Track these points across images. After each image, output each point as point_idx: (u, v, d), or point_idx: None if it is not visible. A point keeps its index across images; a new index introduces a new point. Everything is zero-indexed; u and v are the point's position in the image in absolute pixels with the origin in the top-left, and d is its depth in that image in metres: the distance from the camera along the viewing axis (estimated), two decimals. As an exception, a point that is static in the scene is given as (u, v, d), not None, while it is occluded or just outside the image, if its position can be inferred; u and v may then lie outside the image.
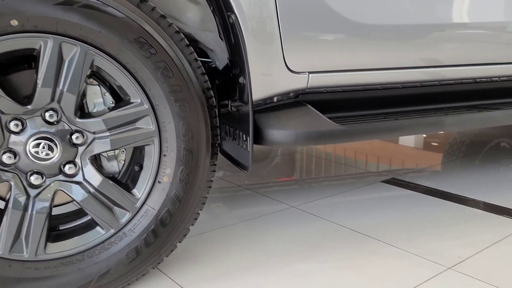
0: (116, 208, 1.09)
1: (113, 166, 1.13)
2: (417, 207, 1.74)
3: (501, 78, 1.54)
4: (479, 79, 1.51)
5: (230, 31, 1.12)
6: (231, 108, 1.23)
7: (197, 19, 1.30)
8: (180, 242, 1.17)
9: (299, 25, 1.17)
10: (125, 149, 1.12)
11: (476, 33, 1.44)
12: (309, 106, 1.25)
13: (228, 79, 1.23)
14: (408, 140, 2.93)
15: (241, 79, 1.14)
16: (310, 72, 1.23)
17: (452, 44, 1.41)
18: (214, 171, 1.17)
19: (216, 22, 1.19)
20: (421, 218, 1.63)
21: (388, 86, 1.40)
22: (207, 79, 1.11)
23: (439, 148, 2.71)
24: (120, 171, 1.14)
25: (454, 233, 1.50)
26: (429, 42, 1.37)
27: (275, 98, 1.29)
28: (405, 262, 1.32)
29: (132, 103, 1.05)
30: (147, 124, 1.06)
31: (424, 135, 3.02)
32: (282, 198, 1.82)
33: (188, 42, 1.08)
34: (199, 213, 1.17)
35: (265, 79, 1.18)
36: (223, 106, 1.28)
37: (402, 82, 1.39)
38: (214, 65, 1.40)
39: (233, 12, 1.07)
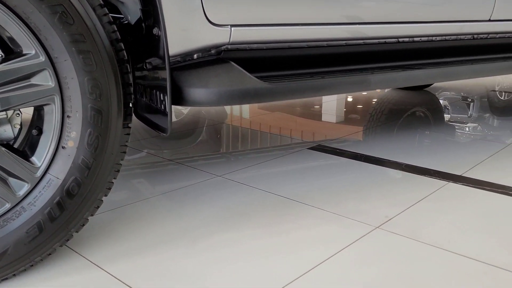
0: (11, 179, 0.94)
1: (6, 131, 0.97)
2: (343, 171, 1.73)
3: (421, 38, 1.54)
4: (401, 39, 1.50)
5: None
6: (146, 66, 1.10)
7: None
8: (92, 215, 1.04)
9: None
10: (20, 110, 0.96)
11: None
12: (232, 63, 1.16)
13: (141, 34, 1.10)
14: (330, 112, 2.95)
15: (155, 31, 1.01)
16: (232, 25, 1.13)
17: (373, 2, 1.38)
18: (128, 134, 1.05)
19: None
20: (347, 182, 1.62)
21: (313, 44, 1.34)
22: (116, 29, 0.98)
23: (360, 118, 2.75)
24: (15, 137, 0.98)
25: (380, 194, 1.51)
26: None
27: (195, 56, 1.18)
28: (334, 224, 1.29)
29: (24, 55, 0.89)
30: (45, 80, 0.91)
31: (344, 109, 3.06)
32: (208, 169, 1.73)
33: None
34: (112, 182, 1.04)
35: (183, 31, 1.06)
36: (138, 67, 1.15)
37: (326, 39, 1.34)
38: (126, 21, 1.25)
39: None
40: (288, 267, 1.07)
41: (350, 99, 3.29)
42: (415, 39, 1.53)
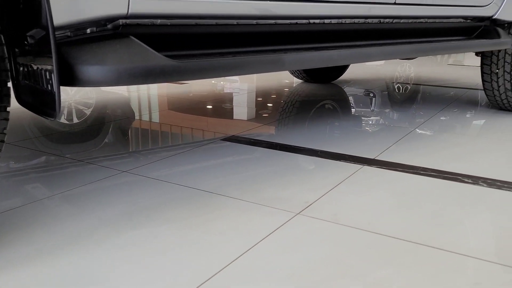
0: None
1: None
2: (260, 161, 1.66)
3: (332, 21, 1.52)
4: (312, 21, 1.46)
5: None
6: (27, 40, 0.93)
7: None
8: (-38, 220, 0.85)
9: None
10: None
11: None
12: (133, 38, 1.02)
13: (19, 3, 0.93)
14: (242, 105, 2.89)
15: (36, -6, 0.85)
16: (130, -5, 1.00)
17: None
18: (7, 119, 0.87)
19: None
20: (265, 170, 1.55)
21: (222, 22, 1.25)
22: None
23: (272, 111, 2.72)
24: None
25: (299, 181, 1.46)
26: None
27: (88, 30, 1.03)
28: (254, 213, 1.21)
29: None
30: None
31: (257, 102, 3.02)
32: (114, 166, 1.57)
33: None
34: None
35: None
36: (18, 41, 0.97)
37: (234, 15, 1.24)
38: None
39: None
40: (208, 261, 0.96)
41: (262, 93, 3.25)
42: (326, 21, 1.50)
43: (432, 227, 1.16)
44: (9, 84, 0.91)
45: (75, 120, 2.34)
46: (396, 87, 3.64)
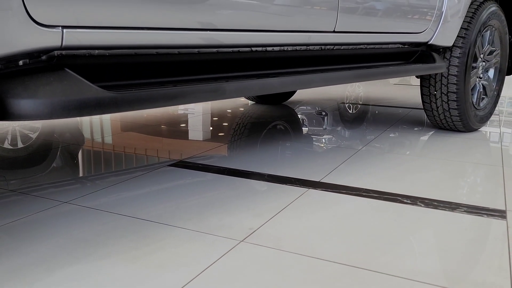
0: None
1: None
2: (206, 187, 1.66)
3: (274, 48, 1.56)
4: (254, 48, 1.49)
5: None
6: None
7: None
8: None
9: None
10: None
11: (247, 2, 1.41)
12: (67, 70, 1.01)
13: None
14: (194, 128, 2.89)
15: (-40, 29, 0.83)
16: (64, 27, 0.99)
17: (227, 9, 1.35)
18: None
19: None
20: (211, 197, 1.55)
21: (163, 52, 1.25)
22: None
23: (223, 133, 2.73)
24: None
25: (245, 207, 1.46)
26: (204, 4, 1.27)
27: (21, 62, 1.00)
28: (197, 243, 1.20)
29: None
30: None
31: (208, 124, 3.03)
32: (56, 196, 1.52)
33: None
34: None
35: (1, 32, 0.89)
36: None
37: (176, 45, 1.25)
38: None
39: None
40: (145, 297, 0.95)
41: (213, 115, 3.26)
42: (268, 48, 1.54)
43: (371, 249, 1.19)
44: None
45: (20, 145, 2.26)
46: (346, 106, 3.75)
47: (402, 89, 5.16)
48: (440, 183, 1.76)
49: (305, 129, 2.82)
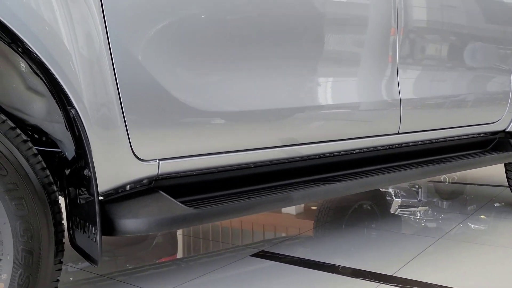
0: None
1: None
2: (285, 279, 1.80)
3: (341, 152, 1.73)
4: (323, 154, 1.67)
5: (73, 124, 1.12)
6: (79, 201, 1.20)
7: (43, 110, 1.28)
8: None
9: (144, 116, 1.21)
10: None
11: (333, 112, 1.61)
12: (161, 192, 1.27)
13: (76, 171, 1.21)
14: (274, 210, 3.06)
15: (86, 172, 1.12)
16: (160, 159, 1.26)
17: (309, 124, 1.56)
18: (60, 269, 1.11)
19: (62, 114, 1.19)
20: (286, 289, 1.69)
21: (242, 166, 1.48)
22: (48, 174, 1.08)
23: (308, 215, 2.87)
24: None
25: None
26: (286, 123, 1.50)
27: (128, 186, 1.28)
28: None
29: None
30: (-23, 227, 0.99)
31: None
32: (148, 283, 1.76)
33: (25, 138, 1.05)
34: (43, 318, 1.08)
35: (112, 170, 1.18)
36: (73, 199, 1.24)
37: (259, 161, 1.48)
38: (64, 155, 1.36)
39: (73, 107, 1.08)
40: None
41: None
42: (335, 153, 1.71)
43: None
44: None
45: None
46: (432, 185, 3.70)
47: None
48: (521, 279, 1.71)
49: (390, 209, 2.86)
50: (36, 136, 1.43)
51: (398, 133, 1.77)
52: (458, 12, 2.02)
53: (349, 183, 1.59)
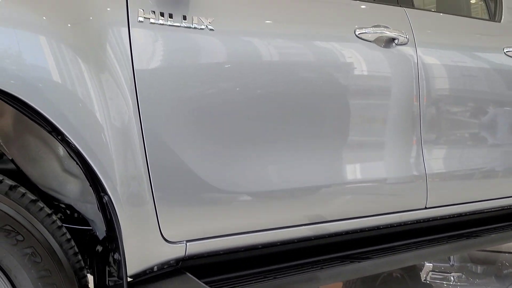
0: None
1: None
2: None
3: (368, 228, 1.71)
4: (350, 231, 1.66)
5: (105, 208, 1.16)
6: (108, 283, 1.22)
7: (77, 191, 1.34)
8: None
9: (171, 194, 1.25)
10: None
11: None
12: (188, 274, 1.28)
13: (106, 251, 1.24)
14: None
15: (116, 256, 1.15)
16: (188, 241, 1.28)
17: (335, 201, 1.57)
18: None
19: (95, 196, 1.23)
20: None
21: (268, 245, 1.49)
22: (80, 258, 1.11)
23: (335, 284, 2.79)
24: None
25: None
26: (312, 201, 1.51)
27: (155, 268, 1.30)
28: None
29: (-7, 292, 1.01)
30: (10, 312, 1.01)
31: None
32: None
33: (59, 224, 1.09)
34: None
35: (142, 253, 1.20)
36: (102, 279, 1.26)
37: (286, 240, 1.49)
38: (95, 233, 1.40)
39: (106, 194, 1.13)
40: None
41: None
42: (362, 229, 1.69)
43: None
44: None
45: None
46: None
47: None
48: None
49: (421, 273, 2.75)
50: (68, 212, 1.49)
51: (425, 208, 1.75)
52: (479, 82, 2.04)
53: (377, 261, 1.56)
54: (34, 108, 1.05)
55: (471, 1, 2.48)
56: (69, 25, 1.14)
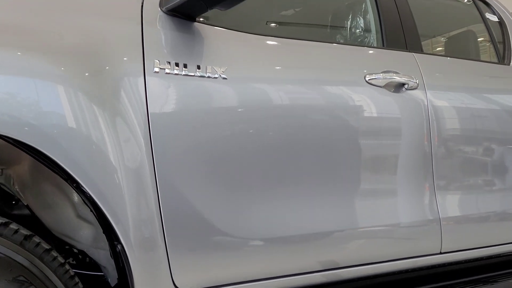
0: None
1: None
2: None
3: (383, 274, 1.68)
4: (364, 277, 1.63)
5: (118, 256, 1.16)
6: None
7: (90, 237, 1.34)
8: None
9: (184, 249, 1.24)
10: None
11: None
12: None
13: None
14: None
15: (128, 303, 1.14)
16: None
17: (349, 247, 1.55)
18: None
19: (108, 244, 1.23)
20: None
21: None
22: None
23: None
24: None
25: None
26: (325, 247, 1.49)
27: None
28: None
29: None
30: None
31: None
32: None
33: (72, 273, 1.09)
34: None
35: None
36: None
37: (299, 287, 1.46)
38: (107, 279, 1.39)
39: (119, 242, 1.13)
40: None
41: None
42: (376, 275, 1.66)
43: None
44: None
45: None
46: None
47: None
48: None
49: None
50: (80, 256, 1.48)
51: (440, 253, 1.72)
52: (491, 123, 2.03)
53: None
54: (49, 157, 1.07)
55: (479, 44, 2.51)
56: (86, 74, 1.17)
